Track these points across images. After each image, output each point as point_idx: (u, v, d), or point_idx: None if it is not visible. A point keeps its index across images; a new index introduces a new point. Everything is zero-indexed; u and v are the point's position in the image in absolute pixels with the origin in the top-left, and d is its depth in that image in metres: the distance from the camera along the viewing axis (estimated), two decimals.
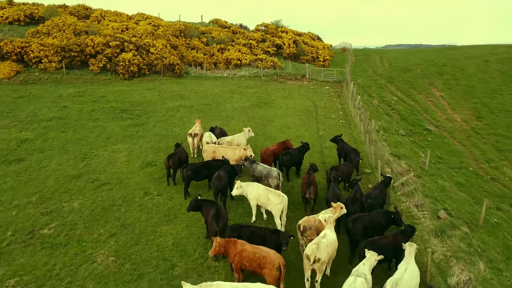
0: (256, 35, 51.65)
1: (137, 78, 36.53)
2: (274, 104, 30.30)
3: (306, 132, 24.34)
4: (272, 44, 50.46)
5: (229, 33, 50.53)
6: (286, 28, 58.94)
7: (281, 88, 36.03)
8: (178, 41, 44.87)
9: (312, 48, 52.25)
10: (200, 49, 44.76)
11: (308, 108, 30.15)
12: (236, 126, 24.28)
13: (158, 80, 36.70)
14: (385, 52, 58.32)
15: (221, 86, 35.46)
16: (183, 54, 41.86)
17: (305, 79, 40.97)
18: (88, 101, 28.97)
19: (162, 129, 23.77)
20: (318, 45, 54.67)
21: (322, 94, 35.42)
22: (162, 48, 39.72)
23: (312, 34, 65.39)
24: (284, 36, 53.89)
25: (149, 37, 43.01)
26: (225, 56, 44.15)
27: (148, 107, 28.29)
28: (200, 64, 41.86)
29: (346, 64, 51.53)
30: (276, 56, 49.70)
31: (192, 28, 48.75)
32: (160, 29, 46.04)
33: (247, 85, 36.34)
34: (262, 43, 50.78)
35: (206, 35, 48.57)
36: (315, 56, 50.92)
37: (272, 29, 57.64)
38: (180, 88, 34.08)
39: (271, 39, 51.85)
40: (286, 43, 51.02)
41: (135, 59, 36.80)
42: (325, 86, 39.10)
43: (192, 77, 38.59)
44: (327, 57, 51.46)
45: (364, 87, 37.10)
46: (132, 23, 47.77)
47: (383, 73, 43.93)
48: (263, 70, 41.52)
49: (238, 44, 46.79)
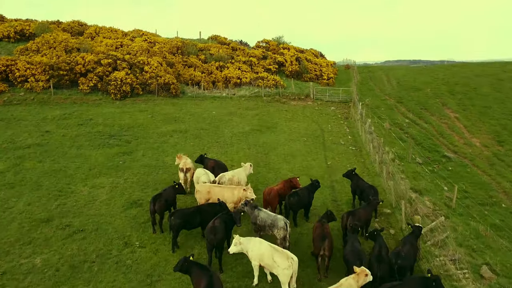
0: (256, 52, 49.70)
1: (130, 99, 34.25)
2: (276, 128, 27.90)
3: (314, 162, 21.85)
4: (274, 62, 48.45)
5: (228, 50, 48.58)
6: (288, 45, 57.11)
7: (284, 110, 33.72)
8: (175, 59, 42.83)
9: (315, 66, 50.21)
10: (197, 67, 42.68)
11: (314, 132, 27.74)
12: (235, 155, 21.83)
13: (152, 100, 34.42)
14: (391, 70, 56.29)
15: (219, 108, 33.15)
16: (180, 73, 39.73)
17: (309, 99, 38.71)
18: (73, 125, 26.58)
19: (153, 158, 21.29)
20: (321, 62, 52.67)
21: (328, 116, 33.08)
22: (157, 66, 37.59)
23: (315, 51, 63.60)
24: (286, 53, 51.96)
25: (144, 54, 40.95)
26: (224, 74, 42.03)
27: (139, 131, 25.89)
28: (197, 83, 39.69)
29: (351, 83, 49.45)
30: (278, 74, 47.62)
31: (189, 45, 46.81)
32: (156, 46, 44.05)
33: (247, 106, 34.04)
34: (263, 60, 48.79)
35: (204, 52, 46.60)
36: (318, 74, 48.83)
37: (273, 46, 55.79)
38: (175, 109, 31.76)
39: (272, 56, 49.89)
40: (288, 61, 49.01)
41: (128, 78, 34.58)
42: (331, 106, 36.80)
43: (189, 97, 36.33)
44: (331, 75, 49.37)
45: (373, 108, 34.80)
46: (127, 39, 45.84)
47: (391, 92, 41.71)
48: (265, 89, 39.29)
49: (238, 62, 44.74)
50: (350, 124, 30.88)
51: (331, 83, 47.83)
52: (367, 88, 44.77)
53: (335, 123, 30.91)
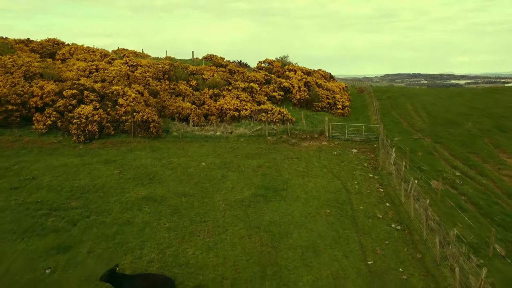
0: (258, 76, 42.76)
1: (97, 141, 27.06)
2: (287, 191, 20.60)
3: (346, 261, 14.51)
4: (279, 87, 41.49)
5: (225, 74, 41.62)
6: (294, 66, 50.23)
7: (294, 157, 26.46)
8: (160, 86, 35.83)
9: (327, 92, 43.18)
10: (187, 95, 35.63)
11: (337, 195, 20.43)
12: (229, 253, 14.47)
13: (126, 143, 27.22)
14: (415, 96, 49.16)
15: (211, 155, 25.90)
16: (165, 104, 32.65)
17: (324, 138, 31.50)
18: (4, 189, 19.28)
19: (102, 261, 13.92)
20: (333, 87, 45.66)
21: (350, 164, 25.83)
22: (136, 97, 30.48)
23: (324, 72, 56.77)
24: (292, 76, 45.04)
25: (122, 81, 33.94)
26: (219, 105, 34.96)
27: (95, 200, 18.58)
28: (186, 117, 32.57)
29: (369, 111, 42.41)
30: (284, 102, 40.59)
31: (179, 68, 39.86)
32: (139, 70, 37.07)
33: (247, 152, 26.82)
34: (266, 85, 41.84)
35: (196, 76, 39.62)
36: (331, 102, 41.77)
37: (277, 67, 48.92)
38: (154, 159, 24.50)
39: (277, 80, 42.95)
40: (296, 86, 42.03)
41: (96, 115, 27.44)
42: (352, 148, 29.63)
43: (174, 138, 29.11)
44: (346, 103, 42.32)
45: (404, 149, 27.57)
46: (105, 62, 38.89)
47: (422, 127, 34.51)
48: (269, 125, 32.11)
49: (236, 88, 37.70)
50: (382, 177, 23.59)
51: (347, 113, 40.74)
52: (391, 120, 37.62)
53: (362, 176, 23.62)
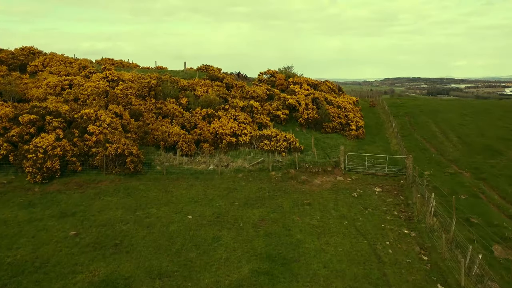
0: (259, 90, 37.57)
1: (60, 180, 21.79)
2: (300, 264, 15.27)
3: None
4: (283, 105, 36.28)
5: (221, 89, 36.42)
6: (299, 78, 45.04)
7: (305, 202, 21.16)
8: (145, 105, 30.62)
9: (338, 110, 37.95)
10: (176, 116, 30.41)
11: (367, 271, 15.10)
12: None
13: (95, 183, 21.94)
14: (436, 113, 43.87)
15: (201, 202, 20.59)
16: (148, 129, 27.41)
17: (339, 171, 26.25)
18: None
19: None
20: (344, 103, 40.43)
21: (376, 211, 20.55)
22: (112, 122, 25.21)
23: (331, 83, 51.59)
24: (298, 90, 39.86)
25: (98, 100, 28.72)
26: (213, 128, 29.72)
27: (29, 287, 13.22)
28: (173, 145, 27.33)
29: (386, 132, 37.18)
30: (289, 122, 35.39)
31: (168, 82, 34.64)
32: (120, 86, 31.85)
33: (246, 196, 21.54)
34: (269, 102, 36.67)
35: (187, 93, 34.40)
36: (344, 122, 36.54)
37: (280, 80, 43.74)
38: (126, 209, 19.20)
39: (280, 96, 37.75)
40: (303, 103, 36.83)
41: (59, 147, 22.18)
42: (373, 185, 24.41)
43: (157, 174, 23.85)
44: (360, 122, 37.10)
45: (441, 190, 22.30)
46: (82, 76, 33.67)
47: (456, 156, 29.22)
48: (272, 155, 26.85)
49: (233, 108, 32.46)
50: (421, 234, 18.28)
51: (362, 135, 35.50)
52: (415, 146, 32.36)
53: (394, 233, 18.30)
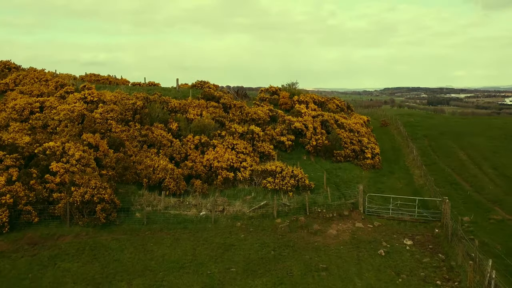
0: (261, 112, 33.34)
1: (8, 237, 17.30)
2: None
3: None
4: (288, 128, 32.00)
5: (217, 110, 32.18)
6: (305, 95, 40.84)
7: (321, 267, 16.64)
8: (128, 132, 26.32)
9: (351, 135, 33.62)
10: (164, 145, 26.09)
11: None
12: None
13: (53, 240, 17.47)
14: (461, 136, 39.32)
15: (187, 270, 16.05)
16: (128, 163, 23.03)
17: (358, 216, 21.80)
18: None
19: None
20: (356, 126, 36.10)
21: (412, 279, 16.03)
22: (82, 157, 20.83)
23: (340, 101, 47.46)
24: (305, 111, 35.63)
25: (71, 127, 24.42)
26: (207, 160, 25.37)
27: None
28: (159, 184, 22.92)
29: (406, 159, 32.83)
30: (295, 149, 31.09)
31: (156, 103, 30.41)
32: (100, 109, 27.60)
33: (246, 257, 17.05)
34: (272, 125, 32.43)
35: (178, 116, 30.12)
36: (357, 148, 32.20)
37: (284, 98, 39.55)
38: (87, 283, 14.67)
39: (285, 118, 33.49)
40: (310, 127, 32.55)
41: (8, 193, 17.74)
42: (402, 236, 19.95)
43: (135, 224, 19.37)
44: (376, 149, 32.74)
45: (492, 248, 17.85)
46: (57, 97, 29.44)
47: (498, 194, 24.57)
48: (277, 197, 22.40)
49: (231, 134, 28.15)
50: None
51: (378, 164, 31.14)
52: (443, 178, 27.95)
53: None
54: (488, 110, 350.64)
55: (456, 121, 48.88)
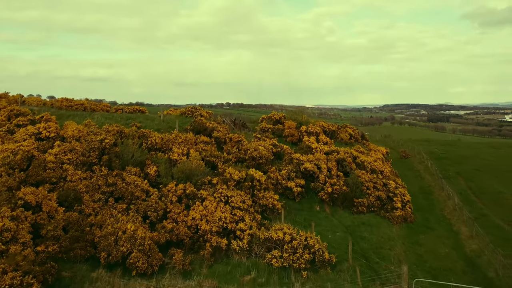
0: (263, 149, 27.42)
1: None
2: None
3: None
4: (296, 170, 26.01)
5: (209, 147, 26.25)
6: (314, 126, 35.00)
7: None
8: (90, 179, 20.28)
9: (373, 177, 27.59)
10: (137, 198, 20.03)
11: None
12: None
13: None
14: (502, 172, 33.43)
15: None
16: (80, 230, 16.88)
17: None
18: None
19: None
20: (377, 162, 30.09)
21: None
22: (5, 230, 14.70)
23: (353, 129, 41.63)
24: (315, 146, 29.75)
25: (5, 177, 18.35)
26: (192, 219, 19.29)
27: None
28: (122, 259, 16.71)
29: (445, 208, 26.80)
30: (305, 196, 25.08)
31: (131, 139, 24.47)
32: (56, 147, 21.63)
33: None
34: (276, 166, 26.48)
35: (159, 155, 24.14)
36: (383, 195, 26.11)
37: (290, 129, 33.70)
38: None
39: (292, 157, 27.53)
40: (324, 167, 26.59)
41: None
42: None
43: None
44: (407, 196, 26.65)
45: None
46: (3, 131, 23.49)
47: None
48: (287, 278, 16.21)
49: (225, 182, 22.11)
50: None
51: (410, 216, 25.04)
52: (502, 239, 21.83)
53: None
54: (489, 127, 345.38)
55: (489, 153, 42.83)
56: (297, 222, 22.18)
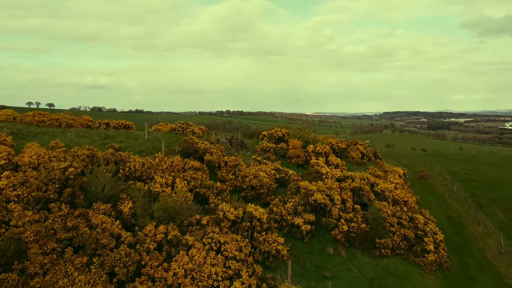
0: (264, 175, 23.17)
1: None
2: None
3: None
4: (305, 203, 21.67)
5: (199, 174, 21.89)
6: (322, 145, 30.66)
7: None
8: (42, 222, 15.92)
9: (397, 209, 23.14)
10: (103, 248, 15.60)
11: None
12: None
13: None
14: None
15: None
16: None
17: None
18: None
19: None
20: (399, 190, 25.65)
21: None
22: None
23: (364, 146, 37.35)
24: (326, 171, 25.43)
25: None
26: (173, 275, 14.87)
27: None
28: None
29: (483, 247, 22.34)
30: (316, 235, 20.69)
31: (108, 165, 20.10)
32: (4, 180, 17.23)
33: None
34: (280, 196, 22.13)
35: (138, 186, 19.69)
36: (410, 234, 21.66)
37: (295, 149, 29.41)
38: None
39: (300, 185, 23.15)
40: (337, 198, 22.26)
41: None
42: None
43: None
44: (439, 234, 22.20)
45: None
46: None
47: None
48: None
49: (218, 223, 17.69)
50: None
51: (445, 261, 20.59)
52: None
53: None
54: (490, 134, 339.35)
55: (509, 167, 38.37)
56: (307, 273, 17.80)
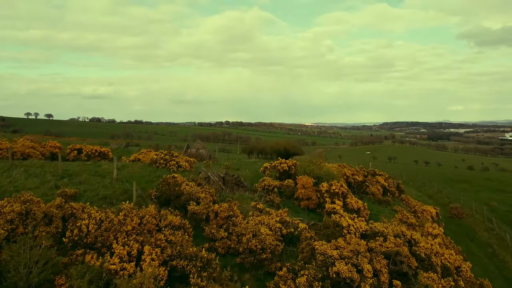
0: (266, 232, 17.34)
1: None
2: None
3: None
4: (323, 275, 15.79)
5: (179, 236, 16.06)
6: (338, 182, 24.88)
7: None
8: None
9: (449, 285, 17.24)
10: None
11: None
12: None
13: None
14: None
15: None
16: None
17: None
18: None
19: None
20: (449, 253, 19.78)
21: None
22: None
23: (384, 177, 31.56)
24: (348, 222, 19.61)
25: None
26: None
27: None
28: None
29: None
30: None
31: (48, 217, 14.27)
32: None
33: None
34: (288, 264, 16.28)
35: (88, 259, 13.83)
36: None
37: (306, 189, 23.59)
38: None
39: (314, 246, 17.35)
40: (367, 269, 16.34)
41: None
42: None
43: None
44: None
45: None
46: None
47: None
48: None
49: None
50: None
51: None
52: None
53: None
54: (490, 145, 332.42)
55: None
56: None
